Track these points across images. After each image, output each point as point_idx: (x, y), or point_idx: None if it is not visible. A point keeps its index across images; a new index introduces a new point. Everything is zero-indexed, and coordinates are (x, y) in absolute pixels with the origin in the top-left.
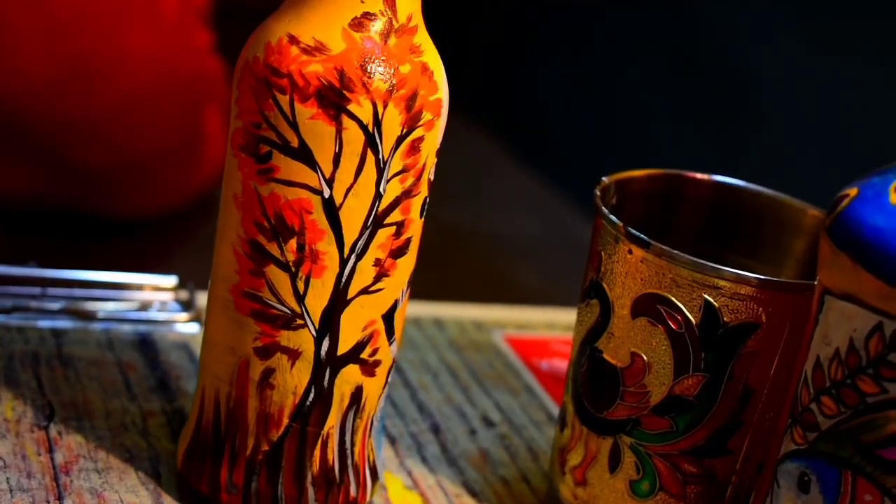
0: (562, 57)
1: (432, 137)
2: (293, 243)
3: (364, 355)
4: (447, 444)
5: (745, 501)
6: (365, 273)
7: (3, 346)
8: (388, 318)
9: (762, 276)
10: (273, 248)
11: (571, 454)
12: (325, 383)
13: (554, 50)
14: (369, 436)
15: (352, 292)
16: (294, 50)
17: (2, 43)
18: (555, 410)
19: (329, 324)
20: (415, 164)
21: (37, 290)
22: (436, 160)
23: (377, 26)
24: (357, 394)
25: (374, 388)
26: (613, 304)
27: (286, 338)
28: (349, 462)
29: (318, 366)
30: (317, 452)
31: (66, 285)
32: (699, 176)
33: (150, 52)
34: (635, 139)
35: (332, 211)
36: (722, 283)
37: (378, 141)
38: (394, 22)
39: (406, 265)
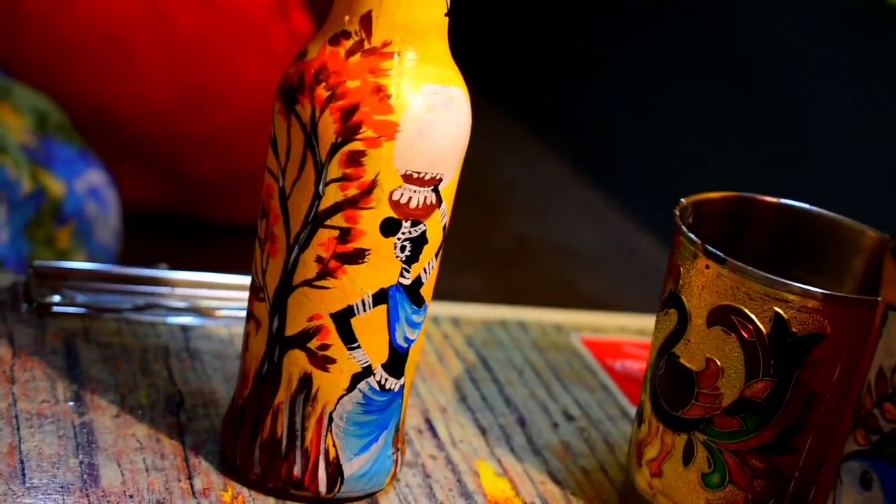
0: (625, 83)
1: (380, 157)
2: (264, 222)
3: (311, 345)
4: (532, 436)
5: (807, 495)
6: (308, 266)
7: (138, 339)
8: (341, 320)
9: (827, 291)
10: (260, 225)
11: (648, 448)
12: (275, 359)
13: (618, 76)
14: (329, 431)
15: (296, 280)
16: (300, 57)
17: (132, 71)
18: (628, 407)
19: (279, 303)
20: (358, 176)
21: (166, 290)
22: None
23: (348, 44)
24: (306, 381)
25: (329, 384)
26: (691, 313)
27: (256, 307)
28: (297, 443)
29: (272, 340)
30: (268, 420)
31: (190, 285)
32: (768, 199)
33: (261, 79)
34: (688, 162)
35: (283, 199)
36: (791, 296)
37: (315, 143)
38: (365, 43)
39: (364, 277)
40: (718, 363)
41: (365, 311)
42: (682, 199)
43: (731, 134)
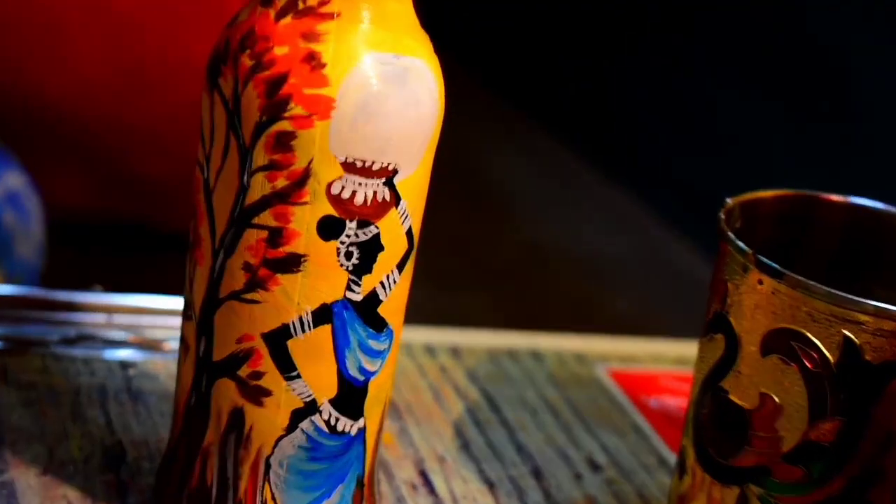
0: (653, 74)
1: (312, 140)
2: (192, 224)
3: (241, 373)
4: (550, 490)
5: None
6: (235, 275)
7: (69, 379)
8: (275, 342)
9: None
10: (190, 228)
11: None
12: (203, 389)
13: (641, 58)
14: (266, 480)
15: (222, 292)
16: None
17: (61, 49)
18: (667, 453)
19: (205, 321)
20: (287, 163)
21: (102, 318)
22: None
23: (280, 3)
24: (237, 417)
25: (264, 421)
26: (741, 339)
27: (186, 328)
28: (230, 494)
29: (199, 366)
30: (197, 466)
31: (132, 312)
32: (833, 197)
33: None
34: (728, 156)
35: (208, 194)
36: (864, 317)
37: (238, 123)
38: (300, 3)
39: (300, 289)
40: (776, 399)
41: (303, 331)
42: (727, 200)
43: (777, 124)
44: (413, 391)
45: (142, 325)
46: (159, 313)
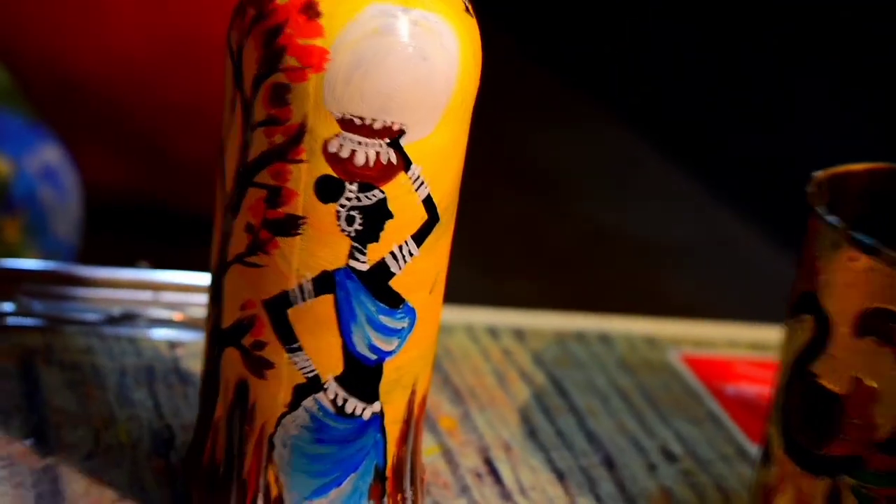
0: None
1: (306, 94)
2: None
3: (245, 342)
4: (623, 482)
5: None
6: (239, 236)
7: (114, 359)
8: (276, 310)
9: None
10: None
11: (779, 496)
12: (214, 359)
13: (704, 36)
14: (270, 460)
15: (230, 255)
16: None
17: (94, 20)
18: (745, 443)
19: (216, 287)
20: (284, 118)
21: (148, 295)
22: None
23: None
24: (242, 390)
25: (266, 395)
26: (832, 319)
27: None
28: (234, 473)
29: (211, 334)
30: (209, 442)
31: (179, 290)
32: None
33: None
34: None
35: (220, 151)
36: None
37: (240, 76)
38: None
39: (299, 254)
40: (871, 384)
41: (303, 299)
42: (815, 174)
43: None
44: (475, 374)
45: (189, 304)
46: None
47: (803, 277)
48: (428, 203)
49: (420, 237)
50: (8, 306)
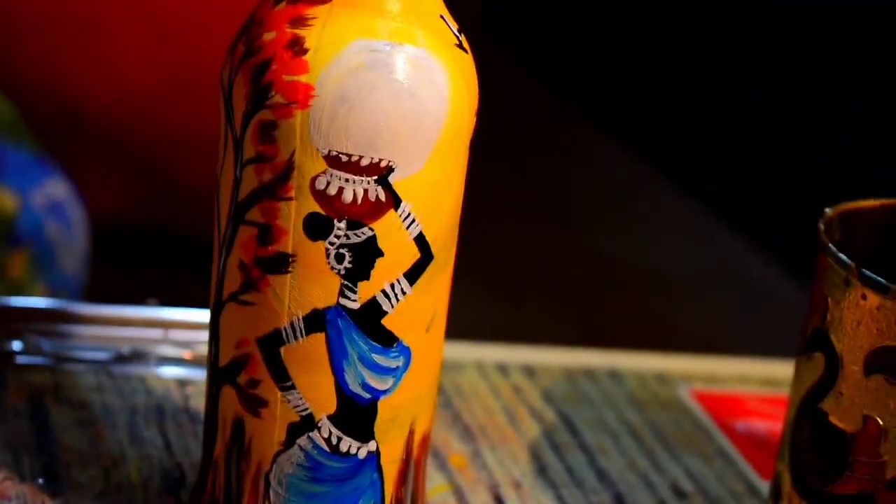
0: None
1: (293, 130)
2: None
3: (240, 380)
4: None
5: None
6: (232, 274)
7: (124, 398)
8: (269, 348)
9: None
10: None
11: None
12: (213, 396)
13: (714, 62)
14: (266, 498)
15: (225, 293)
16: None
17: (100, 49)
18: (755, 480)
19: (214, 324)
20: (272, 155)
21: (158, 333)
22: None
23: None
24: (238, 427)
25: (261, 433)
26: (842, 357)
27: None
28: None
29: (210, 372)
30: (209, 479)
31: (189, 327)
32: None
33: None
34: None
35: (217, 190)
36: None
37: (231, 112)
38: None
39: (290, 292)
40: (880, 422)
41: (296, 338)
42: (826, 210)
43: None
44: (486, 412)
45: (198, 342)
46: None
47: (814, 315)
48: (420, 241)
49: (413, 275)
50: (17, 345)
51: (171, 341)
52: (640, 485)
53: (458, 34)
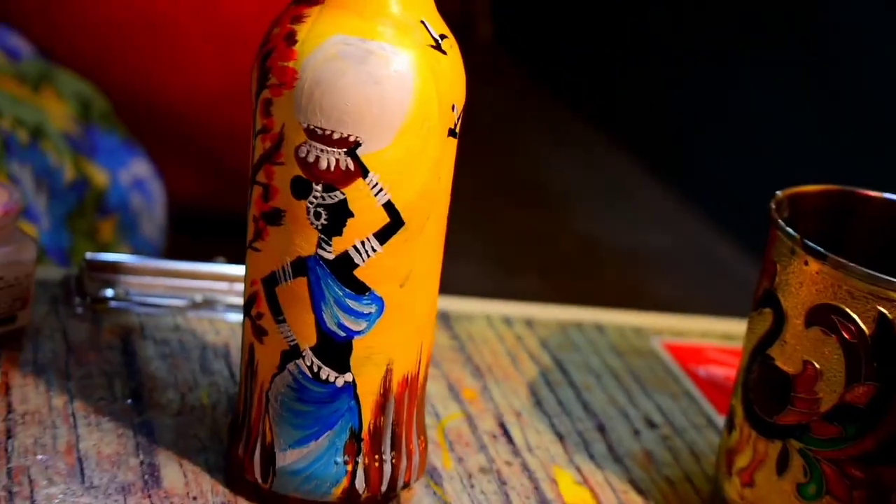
0: (694, 70)
1: (283, 107)
2: None
3: (252, 313)
4: (612, 443)
5: None
6: (250, 225)
7: (197, 337)
8: (268, 287)
9: None
10: None
11: (739, 456)
12: (243, 326)
13: (685, 62)
14: (266, 412)
15: (247, 241)
16: None
17: (176, 57)
18: (714, 415)
19: (245, 267)
20: (270, 127)
21: (224, 286)
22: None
23: None
24: (251, 353)
25: (264, 358)
26: (787, 313)
27: None
28: (246, 420)
29: (244, 307)
30: (240, 396)
31: None
32: (873, 194)
33: None
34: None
35: (252, 155)
36: None
37: (253, 92)
38: None
39: (281, 241)
40: (817, 366)
41: (285, 280)
42: (777, 192)
43: (811, 123)
44: (493, 355)
45: None
46: None
47: (765, 278)
48: (389, 207)
49: (383, 236)
50: (110, 292)
51: (235, 292)
52: (618, 416)
53: (437, 37)
